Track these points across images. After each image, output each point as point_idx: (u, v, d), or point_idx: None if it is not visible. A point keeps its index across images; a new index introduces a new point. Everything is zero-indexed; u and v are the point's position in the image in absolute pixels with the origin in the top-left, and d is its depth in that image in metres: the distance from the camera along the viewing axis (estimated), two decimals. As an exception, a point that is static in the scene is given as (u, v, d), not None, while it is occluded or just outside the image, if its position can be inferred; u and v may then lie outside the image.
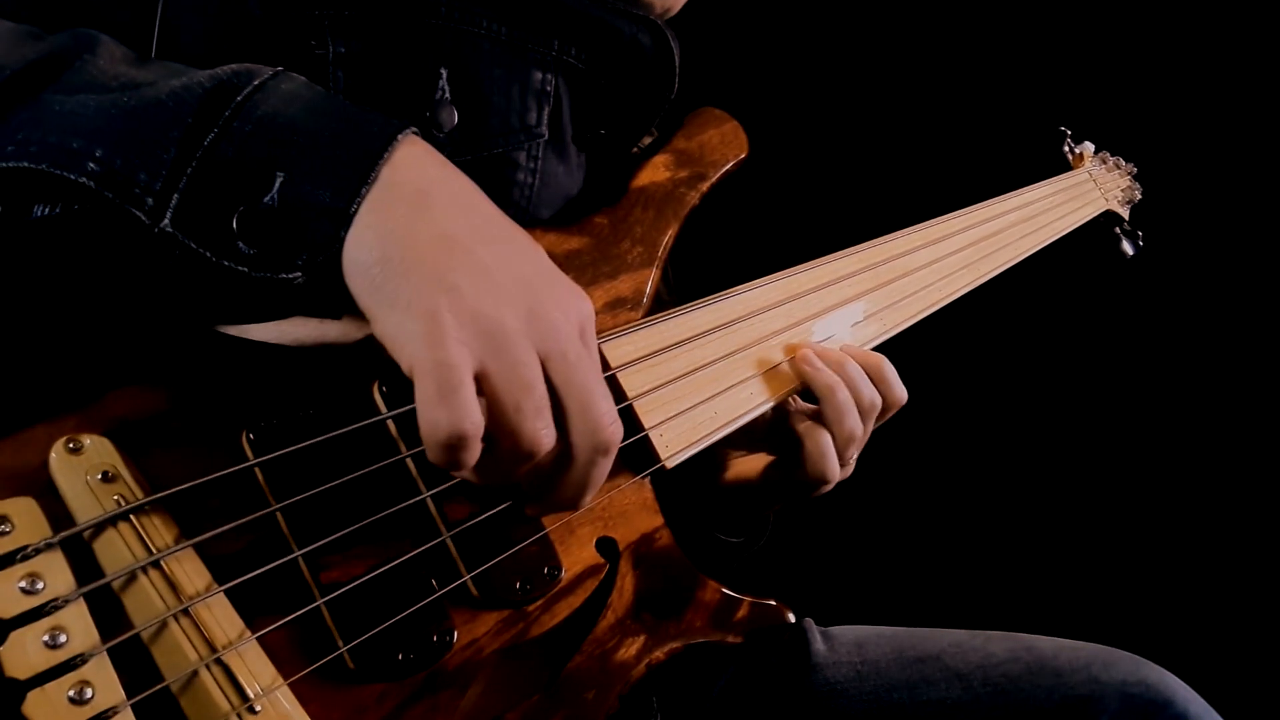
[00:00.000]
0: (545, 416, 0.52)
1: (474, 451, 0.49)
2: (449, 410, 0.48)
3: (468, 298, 0.50)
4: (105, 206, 0.51)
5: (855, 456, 0.82)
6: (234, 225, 0.51)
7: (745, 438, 0.86)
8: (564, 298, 0.55)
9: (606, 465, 0.55)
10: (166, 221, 0.51)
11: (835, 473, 0.79)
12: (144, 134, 0.51)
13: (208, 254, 0.51)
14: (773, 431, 0.83)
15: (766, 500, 0.85)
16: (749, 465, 0.86)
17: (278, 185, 0.51)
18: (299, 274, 0.52)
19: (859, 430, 0.78)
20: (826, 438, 0.77)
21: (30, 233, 0.53)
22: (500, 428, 0.51)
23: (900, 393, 0.82)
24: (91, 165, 0.50)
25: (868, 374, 0.80)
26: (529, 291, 0.53)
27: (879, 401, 0.80)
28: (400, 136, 0.54)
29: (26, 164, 0.50)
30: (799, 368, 0.79)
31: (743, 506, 0.87)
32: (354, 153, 0.52)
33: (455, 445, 0.49)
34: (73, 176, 0.50)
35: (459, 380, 0.48)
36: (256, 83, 0.54)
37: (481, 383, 0.50)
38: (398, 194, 0.53)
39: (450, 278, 0.50)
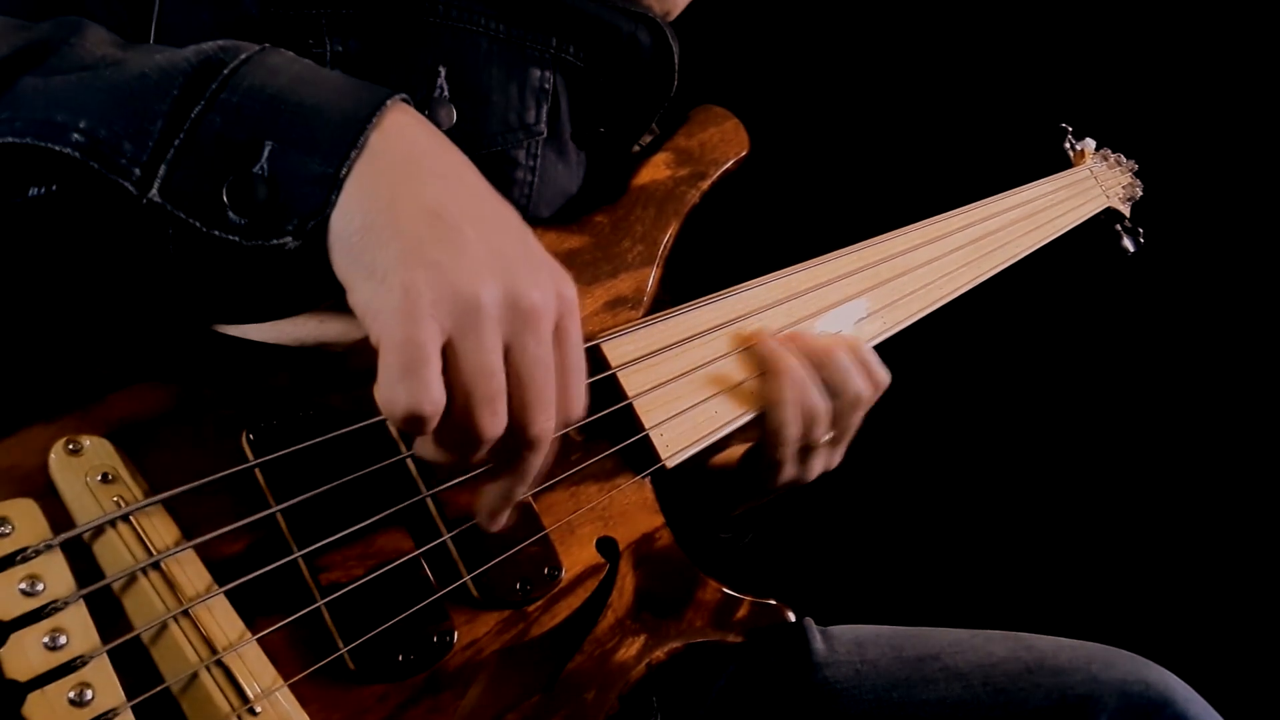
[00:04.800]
0: (497, 405, 0.51)
1: (431, 426, 0.49)
2: (408, 389, 0.47)
3: (447, 273, 0.49)
4: (92, 178, 0.50)
5: (837, 443, 0.80)
6: (224, 195, 0.51)
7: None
8: (545, 280, 0.54)
9: (533, 461, 0.54)
10: (154, 192, 0.50)
11: (792, 444, 0.76)
12: (130, 107, 0.51)
13: (197, 224, 0.51)
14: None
15: (742, 489, 0.84)
16: (728, 454, 0.85)
17: (266, 154, 0.51)
18: (289, 238, 0.51)
19: (820, 408, 0.76)
20: (786, 412, 0.75)
21: (27, 216, 0.53)
22: (454, 407, 0.51)
23: (883, 375, 0.80)
24: (76, 136, 0.50)
25: (850, 353, 0.78)
26: (511, 271, 0.52)
27: (853, 388, 0.77)
28: (389, 103, 0.53)
29: (11, 139, 0.50)
30: (757, 348, 0.78)
31: (723, 497, 0.86)
32: (343, 120, 0.52)
33: (412, 421, 0.48)
34: (57, 148, 0.50)
35: (424, 358, 0.48)
36: (243, 56, 0.54)
37: (446, 359, 0.50)
38: (386, 162, 0.52)
39: (431, 252, 0.50)
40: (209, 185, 0.51)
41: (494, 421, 0.51)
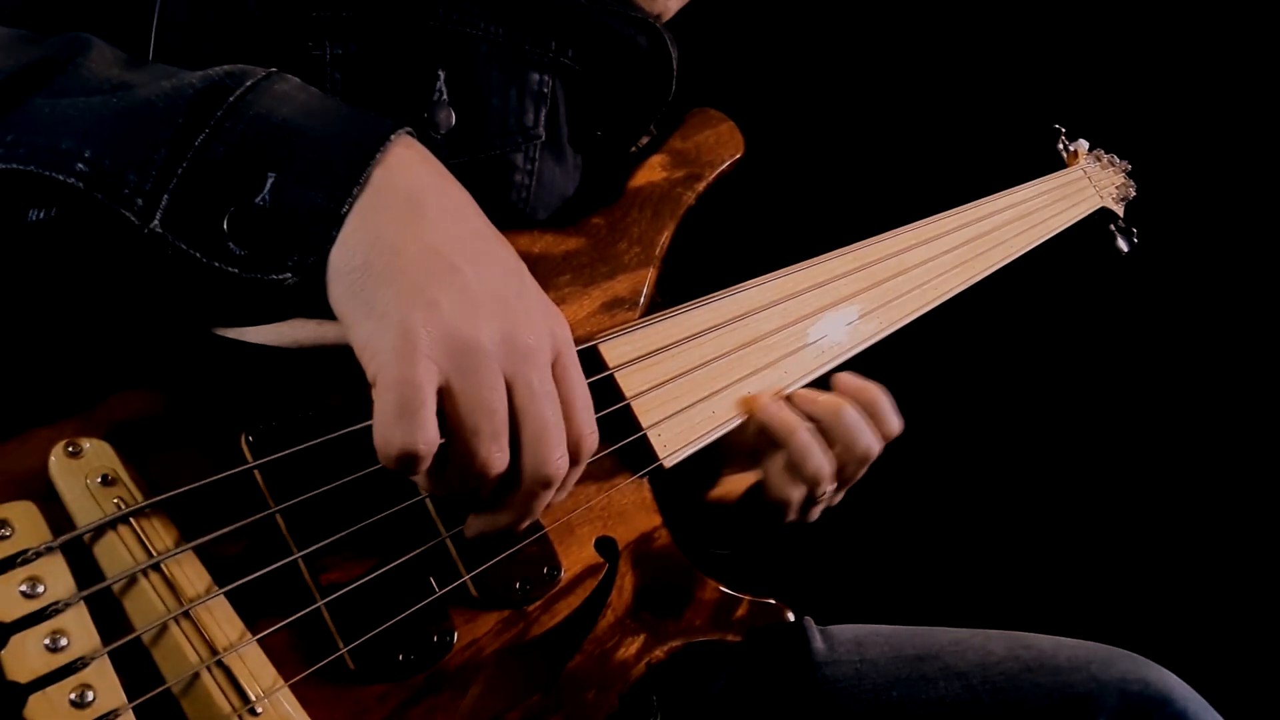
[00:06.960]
0: (501, 441, 0.52)
1: (424, 467, 0.50)
2: (404, 429, 0.48)
3: (445, 314, 0.50)
4: (95, 208, 0.51)
5: (838, 492, 0.79)
6: (224, 226, 0.51)
7: (744, 457, 0.82)
8: (540, 322, 0.55)
9: (547, 497, 0.56)
10: (156, 222, 0.51)
11: (795, 506, 0.76)
12: (134, 134, 0.51)
13: (198, 255, 0.51)
14: (754, 454, 0.79)
15: (740, 528, 0.84)
16: (733, 485, 0.85)
17: (269, 186, 0.51)
18: (289, 274, 0.52)
19: (824, 471, 0.74)
20: (788, 477, 0.75)
21: (28, 237, 0.53)
22: (456, 445, 0.51)
23: (893, 425, 0.78)
24: (80, 166, 0.50)
25: (864, 407, 0.76)
26: (507, 312, 0.53)
27: (862, 445, 0.76)
28: (393, 137, 0.54)
29: (15, 165, 0.50)
30: (757, 415, 0.75)
31: (720, 531, 0.86)
32: (346, 153, 0.52)
33: (406, 462, 0.49)
34: (61, 177, 0.50)
35: (420, 400, 0.48)
36: (249, 83, 0.54)
37: (445, 399, 0.50)
38: (388, 198, 0.52)
39: (430, 292, 0.50)
40: (210, 216, 0.51)
41: (498, 458, 0.52)
